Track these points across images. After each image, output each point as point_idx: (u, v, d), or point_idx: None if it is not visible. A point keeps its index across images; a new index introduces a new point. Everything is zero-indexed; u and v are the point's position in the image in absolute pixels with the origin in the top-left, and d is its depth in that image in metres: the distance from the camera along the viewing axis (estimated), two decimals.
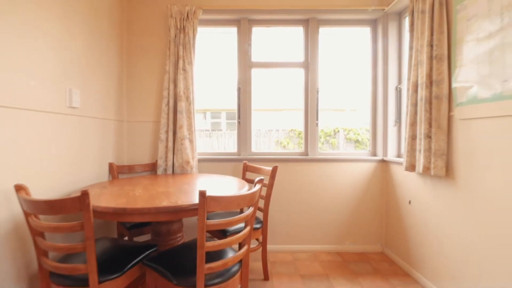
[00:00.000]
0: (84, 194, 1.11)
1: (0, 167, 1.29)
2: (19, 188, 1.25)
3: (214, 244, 1.20)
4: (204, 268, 1.19)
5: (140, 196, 1.49)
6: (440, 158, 1.76)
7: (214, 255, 1.41)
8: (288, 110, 5.77)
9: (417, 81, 1.93)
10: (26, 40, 1.44)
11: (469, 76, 1.61)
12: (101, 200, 1.41)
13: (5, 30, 1.31)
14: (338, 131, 7.31)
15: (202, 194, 1.13)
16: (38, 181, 1.52)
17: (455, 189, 1.72)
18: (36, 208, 1.16)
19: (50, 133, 1.60)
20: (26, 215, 1.25)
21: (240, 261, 1.42)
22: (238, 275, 1.38)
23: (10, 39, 1.34)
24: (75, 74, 1.83)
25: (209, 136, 4.55)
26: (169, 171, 2.40)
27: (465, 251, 1.63)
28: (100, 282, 1.24)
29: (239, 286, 1.43)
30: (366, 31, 2.72)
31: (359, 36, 2.82)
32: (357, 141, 4.83)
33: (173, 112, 2.41)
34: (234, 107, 2.71)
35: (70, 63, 1.79)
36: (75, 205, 1.13)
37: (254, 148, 2.73)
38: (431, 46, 1.82)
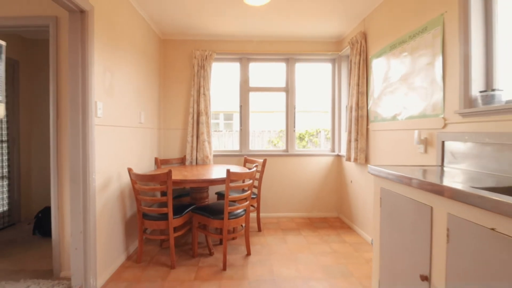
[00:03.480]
0: (169, 171, 2.27)
1: (114, 158, 2.43)
2: (130, 169, 2.40)
3: (232, 197, 2.37)
4: (228, 209, 2.36)
5: (188, 174, 2.65)
6: (362, 153, 2.96)
7: (231, 206, 2.59)
8: (279, 112, 6.93)
9: (351, 106, 3.12)
10: (127, 85, 2.58)
11: (375, 106, 2.81)
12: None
13: (123, 82, 2.46)
14: (320, 132, 8.55)
15: (227, 170, 2.30)
16: (127, 165, 2.67)
17: None
18: (142, 178, 2.31)
19: (132, 139, 2.75)
20: (133, 182, 2.40)
21: (244, 210, 2.59)
22: (243, 217, 2.56)
23: (125, 85, 2.48)
24: (141, 101, 2.98)
25: (211, 136, 5.67)
26: (194, 163, 3.56)
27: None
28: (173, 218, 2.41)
29: (244, 224, 2.60)
30: (328, 66, 3.90)
31: (324, 69, 4.00)
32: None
33: (196, 123, 3.57)
34: (230, 109, 3.88)
35: (139, 95, 2.93)
36: (164, 177, 2.28)
37: (251, 147, 3.91)
38: (358, 85, 3.02)
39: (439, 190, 1.19)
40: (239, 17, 3.06)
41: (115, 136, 2.37)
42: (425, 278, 1.31)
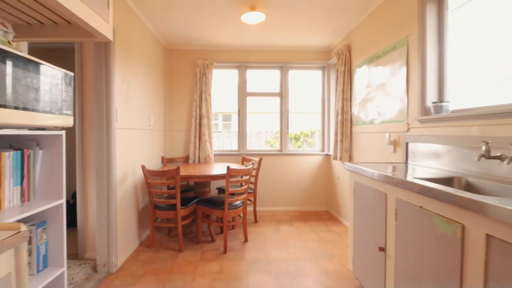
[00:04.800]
0: (178, 168, 2.64)
1: (130, 156, 2.79)
2: (143, 166, 2.77)
3: (231, 190, 2.75)
4: (228, 200, 2.73)
5: (193, 171, 3.02)
6: (347, 152, 3.34)
7: (230, 198, 2.96)
8: (276, 113, 7.27)
9: (337, 110, 3.50)
10: (139, 92, 2.94)
11: (357, 111, 3.19)
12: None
13: (131, 92, 2.82)
14: (314, 132, 8.91)
15: (228, 167, 2.68)
16: (140, 163, 3.04)
17: None
18: (154, 174, 2.68)
19: (143, 139, 3.11)
20: (146, 178, 2.77)
21: (242, 202, 2.97)
22: (241, 208, 2.93)
23: (137, 92, 2.85)
24: (150, 106, 3.34)
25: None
26: (196, 161, 3.93)
27: None
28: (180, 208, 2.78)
29: (241, 214, 2.98)
30: (319, 73, 4.29)
31: (315, 76, 4.38)
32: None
33: (199, 125, 3.94)
34: (228, 110, 4.25)
35: (148, 100, 3.29)
36: (173, 173, 2.65)
37: (249, 147, 4.29)
38: (343, 92, 3.40)
39: (390, 181, 1.57)
40: (237, 31, 3.43)
41: (130, 137, 2.73)
42: (382, 249, 1.69)
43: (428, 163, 2.00)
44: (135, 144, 2.88)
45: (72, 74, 1.23)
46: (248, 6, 2.75)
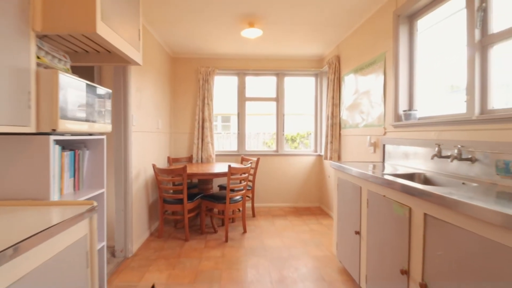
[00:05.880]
0: (185, 166, 2.99)
1: (142, 156, 3.14)
2: (154, 165, 3.11)
3: (232, 186, 3.10)
4: (229, 195, 3.08)
5: (197, 169, 3.36)
6: (336, 152, 3.70)
7: (231, 193, 3.31)
8: (274, 115, 7.61)
9: (328, 114, 3.86)
10: (149, 99, 3.28)
11: (346, 115, 3.55)
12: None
13: (144, 100, 3.16)
14: (310, 134, 9.27)
15: (229, 166, 3.03)
16: (150, 162, 3.38)
17: None
18: (164, 172, 3.03)
19: (152, 141, 3.46)
20: (156, 175, 3.11)
21: (241, 197, 3.32)
22: (240, 202, 3.28)
23: (148, 99, 3.19)
24: (158, 111, 3.68)
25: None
26: (199, 161, 4.28)
27: None
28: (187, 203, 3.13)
29: (241, 208, 3.33)
30: (312, 79, 4.65)
31: (309, 82, 4.74)
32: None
33: (201, 128, 4.28)
34: (227, 112, 4.60)
35: (157, 106, 3.63)
36: (181, 171, 3.00)
37: (247, 148, 4.64)
38: (333, 98, 3.76)
39: (363, 176, 1.93)
40: (237, 43, 3.79)
41: (142, 139, 3.08)
42: (357, 232, 2.04)
43: (399, 162, 2.36)
44: (146, 146, 3.23)
45: (111, 91, 1.57)
46: (247, 23, 3.10)
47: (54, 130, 1.14)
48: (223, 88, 4.90)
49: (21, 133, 1.13)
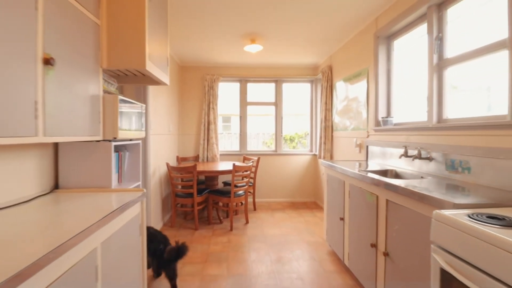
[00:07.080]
0: (195, 165, 3.42)
1: (157, 155, 3.56)
2: (167, 164, 3.54)
3: (236, 182, 3.53)
4: (233, 190, 3.52)
5: (205, 167, 3.80)
6: (328, 152, 4.14)
7: (235, 188, 3.74)
8: (271, 116, 8.00)
9: (322, 118, 4.30)
10: (162, 105, 3.71)
11: (337, 119, 3.99)
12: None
13: (158, 106, 3.59)
14: (308, 134, 9.70)
15: (233, 164, 3.46)
16: (163, 161, 3.81)
17: None
18: (175, 170, 3.46)
19: (164, 142, 3.88)
20: (169, 172, 3.54)
21: (244, 192, 3.75)
22: (243, 196, 3.72)
23: (161, 105, 3.62)
24: (169, 116, 4.11)
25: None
26: (205, 160, 4.71)
27: None
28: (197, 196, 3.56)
29: (243, 201, 3.77)
30: (308, 85, 5.08)
31: (305, 87, 5.17)
32: None
33: (207, 130, 4.72)
34: (228, 112, 5.04)
35: (168, 110, 4.06)
36: (191, 168, 3.43)
37: (248, 147, 5.08)
38: (326, 103, 4.20)
39: (345, 173, 2.36)
40: (240, 54, 4.21)
41: (157, 141, 3.51)
42: (342, 219, 2.48)
43: (379, 160, 2.80)
44: (160, 147, 3.66)
45: (144, 105, 2.01)
46: (249, 39, 3.53)
47: (114, 138, 1.56)
48: (226, 92, 5.33)
49: (93, 140, 1.56)
